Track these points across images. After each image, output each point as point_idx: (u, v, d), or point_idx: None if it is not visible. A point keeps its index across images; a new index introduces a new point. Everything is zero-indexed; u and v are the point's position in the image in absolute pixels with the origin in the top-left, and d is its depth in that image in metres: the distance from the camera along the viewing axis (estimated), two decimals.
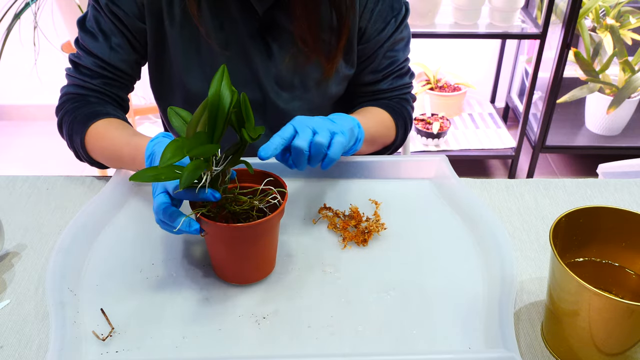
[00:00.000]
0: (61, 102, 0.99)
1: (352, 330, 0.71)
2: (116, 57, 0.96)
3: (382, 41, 1.01)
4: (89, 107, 0.95)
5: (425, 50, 2.58)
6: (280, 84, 1.01)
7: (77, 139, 0.94)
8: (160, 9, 0.94)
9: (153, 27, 0.95)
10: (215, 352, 0.69)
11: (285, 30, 0.97)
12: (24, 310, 0.75)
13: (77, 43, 0.98)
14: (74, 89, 0.98)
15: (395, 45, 1.03)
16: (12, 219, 0.90)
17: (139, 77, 1.04)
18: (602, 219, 0.70)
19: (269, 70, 0.99)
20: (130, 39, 0.96)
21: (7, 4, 2.05)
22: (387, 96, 1.08)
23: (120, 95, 1.01)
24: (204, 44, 0.96)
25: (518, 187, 0.98)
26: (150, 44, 0.97)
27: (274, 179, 0.77)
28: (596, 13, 2.25)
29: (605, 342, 0.64)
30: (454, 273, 0.80)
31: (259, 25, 0.96)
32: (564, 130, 2.49)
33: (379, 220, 0.89)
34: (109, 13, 0.93)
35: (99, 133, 0.92)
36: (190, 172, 0.63)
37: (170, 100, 1.04)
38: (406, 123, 1.08)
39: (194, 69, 0.98)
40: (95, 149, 0.94)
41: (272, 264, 0.80)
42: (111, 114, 0.95)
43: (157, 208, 0.70)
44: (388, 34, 1.01)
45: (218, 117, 0.66)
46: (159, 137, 0.81)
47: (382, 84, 1.06)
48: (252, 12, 0.95)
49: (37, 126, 2.82)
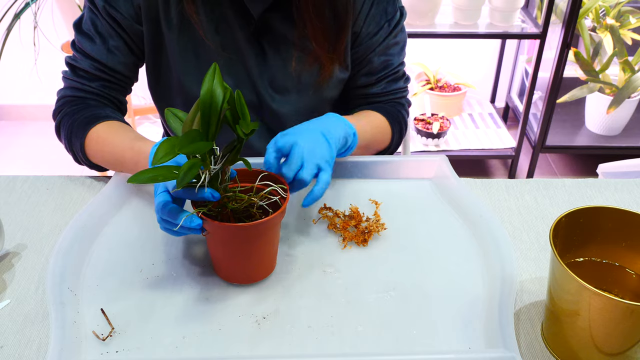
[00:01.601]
0: (59, 105, 0.98)
1: (352, 330, 0.71)
2: (114, 60, 0.96)
3: (376, 45, 1.01)
4: (88, 110, 0.95)
5: (425, 50, 2.58)
6: (275, 88, 1.01)
7: (77, 143, 0.93)
8: (157, 12, 0.94)
9: (150, 31, 0.95)
10: (215, 352, 0.69)
11: (280, 34, 0.97)
12: (24, 310, 0.75)
13: (74, 45, 0.97)
14: (71, 92, 0.98)
15: (389, 50, 1.03)
16: (12, 219, 0.90)
17: (136, 80, 1.03)
18: (602, 219, 0.70)
19: (263, 74, 0.99)
20: (127, 42, 0.96)
21: (7, 4, 2.05)
22: (381, 100, 1.08)
23: (118, 97, 1.01)
24: (201, 47, 0.96)
25: (518, 187, 0.98)
26: (147, 47, 0.97)
27: (275, 178, 0.77)
28: (596, 13, 2.25)
29: (605, 342, 0.64)
30: (454, 273, 0.80)
31: (254, 29, 0.96)
32: (564, 130, 2.49)
33: (379, 220, 0.89)
34: (106, 16, 0.93)
35: (100, 137, 0.92)
36: (186, 171, 0.63)
37: (169, 102, 1.04)
38: (401, 128, 1.08)
39: (191, 72, 0.98)
40: (96, 153, 0.93)
41: (273, 263, 0.80)
42: (111, 117, 0.95)
43: (158, 206, 0.71)
44: (381, 37, 1.00)
45: (211, 115, 0.67)
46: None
47: (376, 88, 1.06)
48: (247, 16, 0.95)
49: (37, 126, 2.82)
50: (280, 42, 0.97)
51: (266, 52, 0.98)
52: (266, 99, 1.01)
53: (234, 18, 0.95)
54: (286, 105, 1.02)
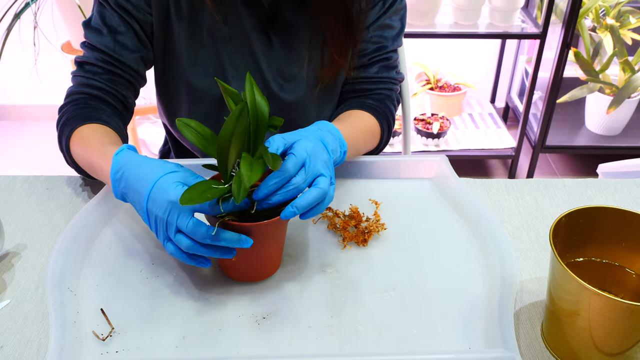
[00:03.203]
0: (64, 103, 0.97)
1: (352, 330, 0.71)
2: (122, 51, 0.95)
3: (370, 22, 1.00)
4: (84, 110, 0.92)
5: (425, 50, 2.58)
6: (283, 76, 1.01)
7: (64, 142, 0.90)
8: (167, 3, 0.94)
9: (160, 21, 0.95)
10: (215, 352, 0.69)
11: (290, 22, 0.97)
12: (24, 310, 0.75)
13: (83, 44, 0.97)
14: (77, 88, 0.96)
15: (384, 31, 1.02)
16: (12, 219, 0.90)
17: (145, 78, 1.02)
18: (602, 219, 0.70)
19: (272, 63, 1.00)
20: (137, 32, 0.95)
21: (7, 4, 2.05)
22: (372, 88, 1.05)
23: (124, 94, 0.98)
24: (209, 37, 0.97)
25: (518, 187, 0.98)
26: (156, 37, 0.97)
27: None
28: (596, 13, 2.25)
29: (605, 342, 0.64)
30: (454, 273, 0.80)
31: (264, 18, 0.96)
32: (564, 130, 2.49)
33: (379, 220, 0.89)
34: (116, 6, 0.93)
35: (81, 138, 0.88)
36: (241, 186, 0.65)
37: (173, 95, 1.04)
38: (390, 125, 1.05)
39: (198, 64, 0.98)
40: (76, 155, 0.89)
41: (279, 261, 0.81)
42: (102, 120, 0.91)
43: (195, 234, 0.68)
44: (375, 15, 1.00)
45: (259, 126, 0.68)
46: (123, 149, 0.77)
47: (369, 70, 1.04)
48: (257, 4, 0.95)
49: (37, 126, 2.82)
50: (290, 31, 0.98)
51: (275, 40, 0.98)
52: (274, 88, 1.02)
53: (243, 6, 0.95)
54: (294, 94, 1.03)
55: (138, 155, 0.76)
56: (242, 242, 0.69)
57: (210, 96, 1.01)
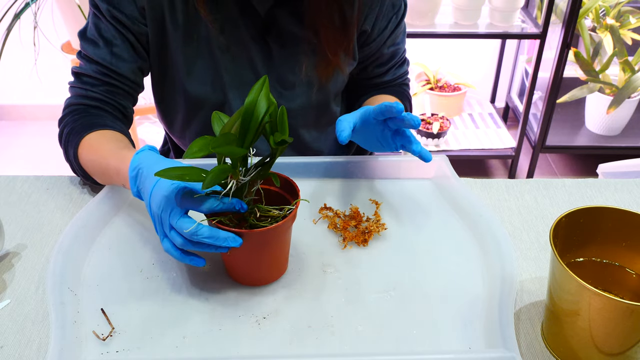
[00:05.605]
0: (63, 114, 0.96)
1: (352, 330, 0.71)
2: (118, 63, 0.95)
3: (386, 38, 1.04)
4: (87, 118, 0.93)
5: (425, 50, 2.59)
6: (282, 84, 1.01)
7: (71, 151, 0.91)
8: (163, 12, 0.94)
9: (155, 31, 0.95)
10: (215, 352, 0.69)
11: (287, 30, 0.97)
12: (24, 310, 0.75)
13: (79, 54, 0.97)
14: (75, 99, 0.96)
15: (397, 39, 1.07)
16: (12, 219, 0.90)
17: (142, 87, 1.02)
18: (602, 219, 0.70)
19: (271, 71, 1.00)
20: (133, 43, 0.95)
21: (7, 4, 2.05)
22: (390, 84, 1.13)
23: (123, 104, 0.99)
24: (205, 47, 0.96)
25: (518, 187, 0.98)
26: (152, 47, 0.97)
27: (288, 181, 0.77)
28: (596, 13, 2.25)
29: (605, 342, 0.64)
30: (454, 273, 0.80)
31: (260, 26, 0.96)
32: (564, 130, 2.49)
33: (379, 220, 0.89)
34: (111, 18, 0.92)
35: (91, 145, 0.89)
36: (216, 173, 0.63)
37: (171, 103, 1.04)
38: (410, 105, 1.14)
39: (195, 72, 0.98)
40: (87, 162, 0.90)
41: (286, 264, 0.80)
42: (108, 126, 0.92)
43: (192, 230, 0.67)
44: (390, 30, 1.04)
45: (251, 124, 0.67)
46: (145, 149, 0.79)
47: (386, 76, 1.11)
48: (253, 14, 0.95)
49: (37, 126, 2.82)
50: (287, 38, 0.98)
51: (273, 49, 0.98)
52: (273, 96, 1.02)
53: (240, 16, 0.95)
54: (293, 102, 1.03)
55: (156, 155, 0.77)
56: (229, 240, 0.68)
57: (207, 104, 1.01)
